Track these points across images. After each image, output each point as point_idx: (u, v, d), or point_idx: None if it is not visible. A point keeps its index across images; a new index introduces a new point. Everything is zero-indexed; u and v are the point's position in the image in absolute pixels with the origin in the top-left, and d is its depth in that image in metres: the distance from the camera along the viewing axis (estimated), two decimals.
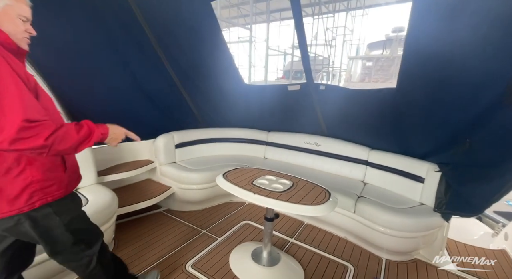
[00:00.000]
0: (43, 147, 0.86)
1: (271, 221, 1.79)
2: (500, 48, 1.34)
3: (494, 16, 1.28)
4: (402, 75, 1.83)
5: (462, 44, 1.42)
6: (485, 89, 1.48)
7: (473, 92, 1.54)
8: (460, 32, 1.40)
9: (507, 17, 1.25)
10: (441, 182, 2.02)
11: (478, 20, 1.33)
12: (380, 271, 1.94)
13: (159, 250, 2.03)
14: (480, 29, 1.34)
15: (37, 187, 0.99)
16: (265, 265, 1.81)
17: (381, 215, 1.97)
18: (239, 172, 1.91)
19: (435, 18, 1.45)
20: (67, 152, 0.95)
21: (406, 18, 1.57)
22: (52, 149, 0.88)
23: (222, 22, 13.00)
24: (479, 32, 1.36)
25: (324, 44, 14.13)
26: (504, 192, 1.54)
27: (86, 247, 1.18)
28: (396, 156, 2.41)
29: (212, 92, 2.84)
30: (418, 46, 1.60)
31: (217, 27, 2.32)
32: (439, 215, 1.97)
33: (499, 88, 1.41)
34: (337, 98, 2.45)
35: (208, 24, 2.24)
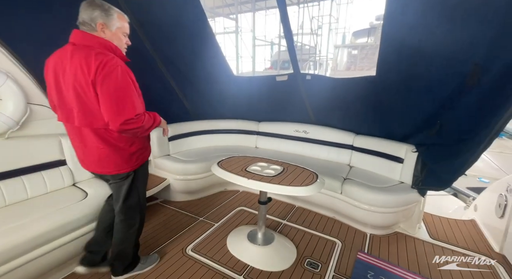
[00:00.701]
0: (140, 127, 1.28)
1: (265, 204, 1.92)
2: (465, 36, 1.48)
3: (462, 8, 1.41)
4: (380, 63, 1.97)
5: (432, 31, 1.56)
6: (451, 73, 1.63)
7: (441, 77, 1.70)
8: (431, 20, 1.53)
9: (472, 8, 1.38)
10: (417, 161, 2.22)
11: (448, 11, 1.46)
12: (365, 244, 2.14)
13: (158, 238, 2.13)
14: (449, 19, 1.47)
15: (140, 152, 1.46)
16: (261, 245, 1.96)
17: (365, 194, 2.15)
18: (233, 160, 2.01)
19: (409, 7, 1.57)
20: (147, 132, 1.39)
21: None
22: (143, 129, 1.30)
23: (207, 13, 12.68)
24: (448, 21, 1.49)
25: (310, 33, 14.15)
26: (469, 164, 1.73)
27: (140, 211, 1.59)
28: (378, 140, 2.59)
29: (202, 85, 2.89)
30: (394, 35, 1.73)
31: (204, 19, 2.35)
32: (416, 191, 2.17)
33: (463, 72, 1.56)
34: (322, 87, 2.57)
35: (195, 17, 2.27)
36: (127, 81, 1.24)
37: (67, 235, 1.62)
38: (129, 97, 1.23)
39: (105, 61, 1.18)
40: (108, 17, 1.27)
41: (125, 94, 1.22)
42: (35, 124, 2.02)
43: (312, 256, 1.97)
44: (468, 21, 1.40)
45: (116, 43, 1.31)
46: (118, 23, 1.30)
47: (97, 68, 1.16)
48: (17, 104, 1.84)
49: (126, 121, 1.21)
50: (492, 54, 1.42)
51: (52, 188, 1.97)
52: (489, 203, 2.32)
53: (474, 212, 2.60)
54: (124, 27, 1.33)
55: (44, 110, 2.07)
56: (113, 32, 1.30)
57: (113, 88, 1.20)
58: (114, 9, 1.30)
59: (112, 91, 1.20)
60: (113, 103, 1.20)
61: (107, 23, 1.27)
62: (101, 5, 1.26)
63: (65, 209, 1.70)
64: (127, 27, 1.35)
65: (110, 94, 1.19)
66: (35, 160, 1.92)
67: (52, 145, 2.02)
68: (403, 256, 2.00)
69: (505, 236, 2.02)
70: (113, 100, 1.20)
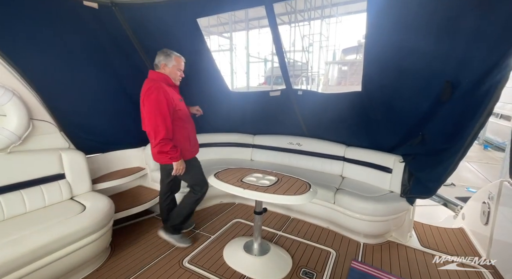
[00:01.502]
0: (161, 146, 1.80)
1: (260, 214, 1.98)
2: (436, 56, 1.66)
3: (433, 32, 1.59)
4: (364, 79, 2.14)
5: (409, 51, 1.73)
6: (428, 89, 1.80)
7: (420, 92, 1.87)
8: (407, 41, 1.71)
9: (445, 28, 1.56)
10: (405, 171, 2.33)
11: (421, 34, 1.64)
12: (359, 253, 2.19)
13: (155, 251, 2.14)
14: (423, 40, 1.65)
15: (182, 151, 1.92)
16: (257, 255, 1.99)
17: (357, 203, 2.23)
18: (229, 171, 2.09)
19: (387, 28, 1.75)
20: (164, 154, 1.83)
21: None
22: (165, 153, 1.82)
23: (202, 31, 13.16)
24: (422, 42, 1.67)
25: (302, 50, 14.75)
26: (450, 172, 1.86)
27: (199, 188, 2.10)
28: (368, 151, 2.72)
29: (199, 100, 3.00)
30: (375, 55, 1.91)
31: (202, 39, 2.52)
32: (405, 200, 2.27)
33: (438, 88, 1.73)
34: (313, 102, 2.73)
35: (193, 37, 2.44)
36: (158, 101, 1.73)
37: (66, 247, 1.63)
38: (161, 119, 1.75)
39: (149, 86, 1.76)
40: (167, 58, 1.84)
41: (156, 117, 1.74)
42: (36, 139, 2.07)
43: (307, 266, 2.00)
44: (439, 43, 1.59)
45: (172, 76, 1.88)
46: (175, 62, 1.86)
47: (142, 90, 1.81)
48: (21, 120, 1.90)
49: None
50: (459, 72, 1.59)
51: (50, 201, 1.99)
52: (474, 211, 2.43)
53: (462, 220, 2.70)
54: (179, 64, 1.88)
55: (46, 126, 2.14)
56: (171, 69, 1.87)
57: (146, 110, 1.78)
58: (173, 53, 1.86)
59: (146, 112, 1.79)
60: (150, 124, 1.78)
61: (167, 63, 1.85)
62: (165, 52, 1.86)
63: (64, 222, 1.73)
64: (181, 65, 1.89)
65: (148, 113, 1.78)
66: (35, 174, 1.96)
67: (52, 159, 2.07)
68: (395, 264, 2.06)
69: (490, 242, 2.11)
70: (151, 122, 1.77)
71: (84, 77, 2.26)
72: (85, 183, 2.21)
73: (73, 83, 2.22)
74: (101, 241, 1.86)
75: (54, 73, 2.09)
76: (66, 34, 2.03)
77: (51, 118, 2.16)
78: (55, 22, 1.95)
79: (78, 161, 2.19)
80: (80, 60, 2.19)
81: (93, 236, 1.78)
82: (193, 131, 2.06)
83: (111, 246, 2.16)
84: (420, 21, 1.58)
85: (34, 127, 2.05)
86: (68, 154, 2.15)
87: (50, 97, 2.11)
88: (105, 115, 2.50)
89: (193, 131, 2.06)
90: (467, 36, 1.46)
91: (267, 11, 2.12)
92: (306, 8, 13.49)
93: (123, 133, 2.71)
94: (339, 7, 15.46)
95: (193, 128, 2.07)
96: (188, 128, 1.98)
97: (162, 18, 2.25)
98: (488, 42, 1.41)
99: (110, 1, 2.12)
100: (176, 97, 1.86)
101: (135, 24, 2.29)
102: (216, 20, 14.33)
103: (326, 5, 14.33)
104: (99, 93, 2.39)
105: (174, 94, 1.85)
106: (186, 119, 1.95)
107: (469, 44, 1.47)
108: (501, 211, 2.04)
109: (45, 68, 2.04)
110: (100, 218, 1.86)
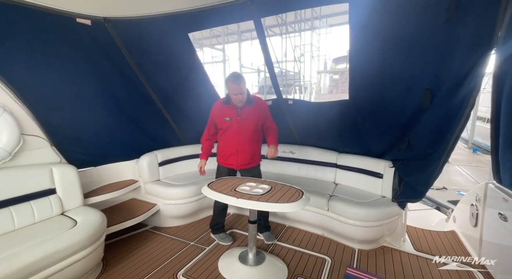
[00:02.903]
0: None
1: (254, 223, 1.98)
2: (416, 65, 1.75)
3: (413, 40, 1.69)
4: (351, 88, 2.22)
5: (389, 63, 1.83)
6: (410, 97, 1.89)
7: (403, 100, 1.95)
8: (388, 51, 1.80)
9: (421, 40, 1.65)
10: (395, 176, 2.39)
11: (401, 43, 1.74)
12: (354, 259, 2.20)
13: (149, 265, 2.10)
14: (402, 49, 1.75)
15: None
16: (252, 265, 1.98)
17: (350, 209, 2.26)
18: (222, 181, 2.10)
19: (369, 39, 1.85)
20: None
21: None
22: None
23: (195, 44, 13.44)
24: (401, 51, 1.76)
25: (294, 60, 15.11)
26: (436, 175, 1.92)
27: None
28: (359, 157, 2.77)
29: (192, 112, 3.05)
30: (360, 64, 2.00)
31: (193, 53, 2.59)
32: (396, 204, 2.31)
33: (419, 96, 1.82)
34: (304, 111, 2.80)
35: (185, 51, 2.51)
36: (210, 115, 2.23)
37: (57, 264, 1.60)
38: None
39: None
40: (225, 85, 2.04)
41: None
42: (27, 154, 2.06)
43: (303, 274, 2.00)
44: (416, 54, 1.69)
45: (232, 99, 2.05)
46: (229, 88, 2.00)
47: None
48: (11, 135, 1.90)
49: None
50: (437, 80, 1.68)
51: (40, 217, 1.96)
52: (464, 214, 2.48)
53: (453, 223, 2.75)
54: (230, 89, 2.00)
55: (37, 140, 2.13)
56: (229, 93, 2.05)
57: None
58: (228, 80, 2.00)
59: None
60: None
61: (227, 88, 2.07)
62: (226, 79, 2.05)
63: (54, 238, 1.69)
64: (232, 89, 1.98)
65: None
66: (25, 190, 1.94)
67: (42, 174, 2.05)
68: (389, 269, 2.07)
69: (480, 244, 2.15)
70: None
71: (76, 91, 2.29)
72: (77, 197, 2.19)
73: (65, 98, 2.23)
74: (92, 256, 1.83)
75: (46, 88, 2.11)
76: (58, 49, 2.07)
77: (42, 133, 2.15)
78: (48, 38, 1.99)
79: (69, 175, 2.17)
80: (72, 74, 2.22)
81: (85, 251, 1.75)
82: (229, 146, 2.21)
83: (103, 261, 2.12)
84: (398, 33, 1.68)
85: (25, 142, 2.04)
86: (59, 168, 2.14)
87: (41, 112, 2.12)
88: (98, 129, 2.51)
89: (229, 146, 2.21)
90: (441, 47, 1.56)
91: (255, 25, 2.21)
92: (296, 20, 13.94)
93: (116, 146, 2.71)
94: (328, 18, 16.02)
95: (232, 144, 2.19)
96: (225, 142, 2.24)
97: (154, 33, 2.31)
98: (459, 52, 1.51)
99: (103, 18, 2.18)
100: (225, 115, 2.12)
101: (127, 39, 2.35)
102: (209, 32, 14.63)
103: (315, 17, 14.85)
104: (91, 107, 2.41)
105: (225, 112, 2.11)
106: (227, 134, 2.19)
107: (443, 55, 1.57)
108: (488, 213, 2.10)
109: (37, 83, 2.06)
110: (91, 233, 1.83)
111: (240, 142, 2.17)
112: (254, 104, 2.12)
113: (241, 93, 1.98)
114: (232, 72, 2.07)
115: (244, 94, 2.01)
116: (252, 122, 2.13)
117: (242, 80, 1.98)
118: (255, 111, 2.12)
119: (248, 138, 2.17)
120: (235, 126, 2.13)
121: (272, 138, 2.25)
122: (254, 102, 2.12)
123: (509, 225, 1.78)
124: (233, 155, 2.22)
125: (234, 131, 2.14)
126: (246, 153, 2.21)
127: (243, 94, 2.00)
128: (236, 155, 2.21)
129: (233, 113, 2.10)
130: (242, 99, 2.02)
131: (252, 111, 2.12)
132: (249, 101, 2.09)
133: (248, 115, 2.12)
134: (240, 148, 2.19)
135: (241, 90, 1.98)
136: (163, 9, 2.17)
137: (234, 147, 2.19)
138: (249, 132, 2.15)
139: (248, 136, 2.17)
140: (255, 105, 2.13)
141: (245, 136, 2.16)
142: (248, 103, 2.10)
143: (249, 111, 2.11)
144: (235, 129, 2.14)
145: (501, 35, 1.37)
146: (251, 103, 2.11)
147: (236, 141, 2.17)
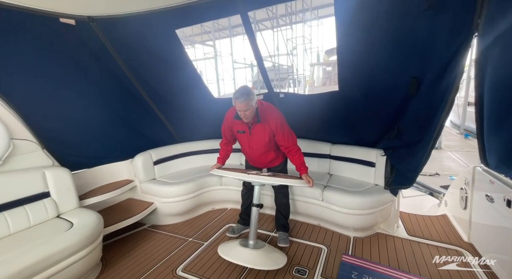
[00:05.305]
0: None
1: (258, 207, 2.00)
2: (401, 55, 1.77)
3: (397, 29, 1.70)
4: (340, 79, 2.24)
5: (377, 51, 1.84)
6: (397, 85, 1.92)
7: (391, 89, 1.98)
8: (374, 42, 1.82)
9: (404, 28, 1.67)
10: (386, 164, 2.43)
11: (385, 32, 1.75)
12: (349, 247, 2.25)
13: (148, 262, 2.13)
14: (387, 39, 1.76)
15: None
16: (253, 249, 1.96)
17: (344, 198, 2.30)
18: (228, 169, 2.17)
19: (354, 31, 1.86)
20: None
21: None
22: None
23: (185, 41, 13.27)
24: (386, 41, 1.78)
25: (287, 54, 15.04)
26: (425, 161, 1.97)
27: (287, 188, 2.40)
28: (352, 148, 2.81)
29: (184, 109, 3.04)
30: (347, 55, 2.01)
31: (182, 50, 2.57)
32: (389, 191, 2.36)
33: (405, 84, 1.84)
34: (296, 103, 2.81)
35: (173, 48, 2.48)
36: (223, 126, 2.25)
37: (54, 266, 1.61)
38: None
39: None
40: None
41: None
42: (18, 158, 2.05)
43: (300, 263, 2.04)
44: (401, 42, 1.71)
45: (239, 114, 1.96)
46: (234, 104, 1.92)
47: None
48: (0, 140, 1.88)
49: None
50: (422, 68, 1.71)
51: (35, 221, 1.96)
52: (454, 197, 2.55)
53: (445, 207, 2.82)
54: (236, 106, 1.91)
55: (28, 145, 2.11)
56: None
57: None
58: (233, 98, 1.91)
59: None
60: None
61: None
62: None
63: (51, 240, 1.70)
64: (237, 106, 1.90)
65: None
66: (18, 194, 1.93)
67: (35, 178, 2.04)
68: (384, 254, 2.13)
69: (469, 226, 2.22)
70: None
71: (66, 93, 2.26)
72: (72, 199, 2.19)
73: (55, 100, 2.21)
74: (91, 257, 1.85)
75: (34, 91, 2.08)
76: (45, 51, 2.03)
77: (33, 136, 2.14)
78: (33, 40, 1.95)
79: (62, 178, 2.16)
80: (60, 76, 2.19)
81: (82, 253, 1.77)
82: (248, 154, 2.30)
83: (102, 261, 2.14)
84: (383, 23, 1.69)
85: (15, 147, 2.02)
86: (52, 171, 2.13)
87: (31, 116, 2.10)
88: (90, 130, 2.49)
89: (248, 154, 2.30)
90: (423, 35, 1.58)
91: (242, 19, 2.20)
92: (287, 13, 13.81)
93: (109, 147, 2.70)
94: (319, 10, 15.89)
95: (250, 153, 2.25)
96: (244, 149, 2.27)
97: (140, 31, 2.28)
98: (441, 40, 1.53)
99: (87, 17, 2.14)
100: (238, 128, 2.14)
101: (114, 39, 2.31)
102: (200, 28, 14.45)
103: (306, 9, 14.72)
104: (82, 108, 2.39)
105: (237, 126, 2.12)
106: (243, 145, 2.24)
107: (426, 43, 1.59)
108: (476, 195, 2.16)
109: (25, 86, 2.03)
110: (88, 234, 1.84)
111: (256, 155, 2.21)
112: (263, 122, 2.01)
113: (245, 110, 1.89)
114: (239, 87, 1.94)
115: (250, 111, 1.90)
116: (263, 141, 2.08)
117: (247, 97, 1.84)
118: (265, 128, 2.03)
119: (264, 152, 2.17)
120: (248, 140, 2.14)
121: (301, 165, 2.07)
122: (262, 119, 2.00)
123: (496, 206, 1.84)
124: (253, 161, 2.33)
125: (249, 145, 2.17)
126: (263, 160, 2.25)
127: (248, 111, 1.90)
128: (256, 160, 2.29)
129: (245, 128, 2.09)
130: (248, 115, 1.93)
131: (262, 129, 2.04)
132: (257, 119, 2.00)
133: (259, 131, 2.06)
134: (258, 159, 2.25)
135: (245, 107, 1.86)
136: (148, 5, 2.13)
137: (252, 156, 2.25)
138: (261, 147, 2.13)
139: (262, 151, 2.17)
140: (264, 123, 2.01)
141: (259, 151, 2.17)
142: (257, 121, 2.01)
143: (259, 128, 2.05)
144: (249, 144, 2.16)
145: (480, 22, 1.39)
146: (259, 122, 2.01)
147: (252, 153, 2.21)
